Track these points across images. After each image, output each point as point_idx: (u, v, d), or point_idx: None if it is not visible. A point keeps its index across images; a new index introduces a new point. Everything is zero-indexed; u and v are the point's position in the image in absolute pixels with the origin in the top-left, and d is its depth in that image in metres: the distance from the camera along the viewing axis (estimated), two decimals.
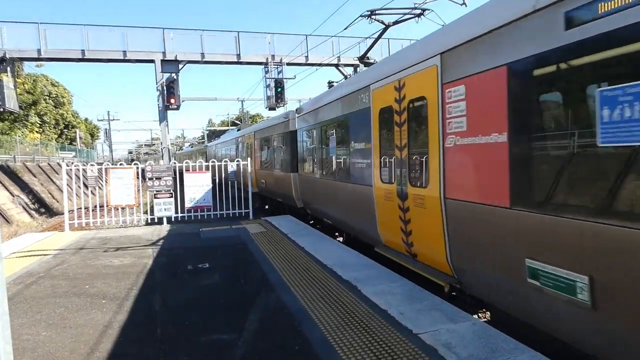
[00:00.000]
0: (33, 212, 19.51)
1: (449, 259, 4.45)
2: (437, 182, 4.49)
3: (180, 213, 10.64)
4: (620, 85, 2.55)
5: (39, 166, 26.23)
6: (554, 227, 3.03)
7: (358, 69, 21.44)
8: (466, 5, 7.15)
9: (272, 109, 20.38)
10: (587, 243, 2.80)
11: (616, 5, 2.53)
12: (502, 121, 3.51)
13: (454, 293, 4.71)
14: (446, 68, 4.31)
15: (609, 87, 2.63)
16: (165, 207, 10.25)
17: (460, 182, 4.17)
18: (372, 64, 8.50)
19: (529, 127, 3.32)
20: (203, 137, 56.81)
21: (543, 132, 3.24)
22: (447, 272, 4.62)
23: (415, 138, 5.05)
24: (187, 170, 10.62)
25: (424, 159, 4.78)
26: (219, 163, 11.18)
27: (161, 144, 21.91)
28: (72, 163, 11.21)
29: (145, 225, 10.91)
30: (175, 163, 11.14)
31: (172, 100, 19.25)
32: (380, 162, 5.89)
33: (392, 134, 5.48)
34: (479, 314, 5.46)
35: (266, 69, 20.56)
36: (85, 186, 11.07)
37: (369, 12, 7.72)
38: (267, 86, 20.48)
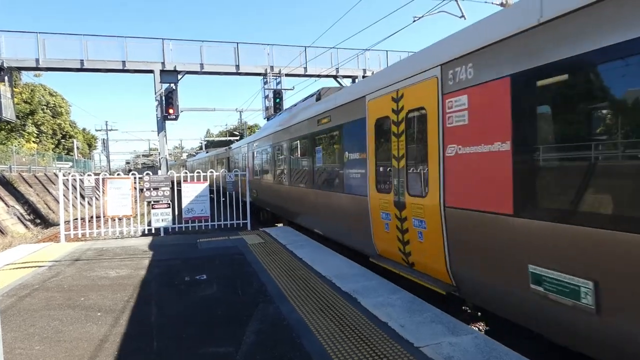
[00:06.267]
0: (28, 223, 19.32)
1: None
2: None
3: (178, 224, 10.56)
4: None
5: (35, 176, 26.05)
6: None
7: (356, 79, 21.60)
8: (465, 18, 7.21)
9: (270, 119, 20.47)
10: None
11: None
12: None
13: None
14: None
15: None
16: (162, 218, 10.19)
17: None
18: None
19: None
20: (201, 148, 56.72)
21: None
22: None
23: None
24: (185, 180, 10.57)
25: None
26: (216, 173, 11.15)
27: (159, 154, 21.87)
28: (69, 173, 11.12)
29: (142, 236, 10.81)
30: (173, 173, 11.05)
31: (171, 111, 19.28)
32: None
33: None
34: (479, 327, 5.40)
35: (265, 79, 20.71)
36: (82, 197, 10.97)
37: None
38: (266, 97, 20.61)
